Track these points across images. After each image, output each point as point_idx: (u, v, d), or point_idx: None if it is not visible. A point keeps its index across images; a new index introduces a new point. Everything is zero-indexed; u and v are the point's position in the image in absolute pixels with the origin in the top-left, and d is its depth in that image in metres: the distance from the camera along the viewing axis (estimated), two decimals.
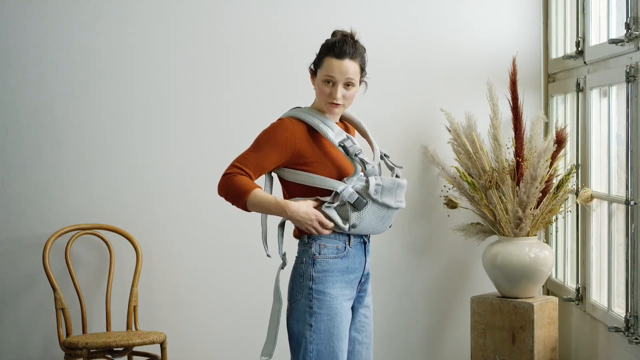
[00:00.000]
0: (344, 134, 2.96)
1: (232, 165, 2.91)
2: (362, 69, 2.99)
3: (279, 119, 2.99)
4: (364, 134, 3.13)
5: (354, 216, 2.91)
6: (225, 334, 4.62)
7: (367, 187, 2.91)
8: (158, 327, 4.52)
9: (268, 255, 3.03)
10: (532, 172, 4.21)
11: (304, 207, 2.88)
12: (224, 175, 2.90)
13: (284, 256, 2.99)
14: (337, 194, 2.89)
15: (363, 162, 2.93)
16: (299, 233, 2.99)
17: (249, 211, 2.91)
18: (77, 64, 4.47)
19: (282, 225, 2.99)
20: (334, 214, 2.90)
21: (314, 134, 2.96)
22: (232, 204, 2.91)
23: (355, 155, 2.93)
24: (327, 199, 2.91)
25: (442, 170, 4.54)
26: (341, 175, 2.95)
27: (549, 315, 4.31)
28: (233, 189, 2.87)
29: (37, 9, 4.43)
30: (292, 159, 2.93)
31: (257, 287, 4.59)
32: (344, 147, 2.93)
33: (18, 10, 4.41)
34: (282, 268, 3.00)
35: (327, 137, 2.93)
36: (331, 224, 2.90)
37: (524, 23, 4.75)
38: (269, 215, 2.98)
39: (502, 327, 4.32)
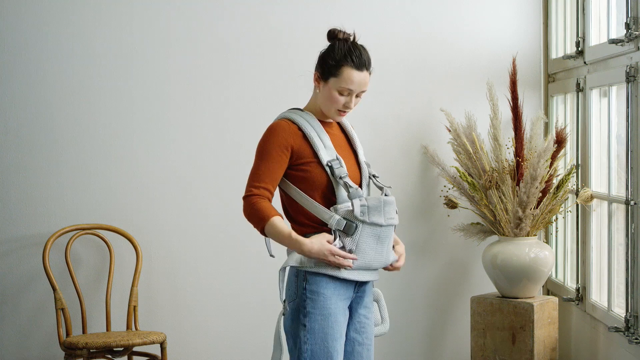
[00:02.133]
0: (334, 154, 2.94)
1: (250, 186, 2.90)
2: None
3: (274, 122, 2.98)
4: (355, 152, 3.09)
5: (347, 241, 2.90)
6: (225, 334, 4.62)
7: (352, 210, 2.90)
8: (158, 327, 4.52)
9: (271, 256, 3.03)
10: (532, 172, 4.21)
11: (317, 244, 2.86)
12: (245, 198, 2.89)
13: (284, 302, 2.93)
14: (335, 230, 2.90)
15: (347, 186, 2.92)
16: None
17: (267, 237, 2.92)
18: (77, 64, 4.47)
19: (283, 270, 2.93)
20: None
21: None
22: (254, 228, 2.92)
23: (340, 178, 2.92)
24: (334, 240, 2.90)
25: (442, 170, 4.54)
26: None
27: (549, 315, 4.31)
28: (253, 214, 2.87)
29: (37, 9, 4.43)
30: (291, 158, 2.92)
31: (257, 287, 4.60)
32: (331, 168, 2.92)
33: (18, 10, 4.41)
34: (284, 314, 2.94)
35: (317, 153, 2.92)
36: (346, 254, 2.86)
37: (524, 23, 4.75)
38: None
39: (502, 327, 4.32)
